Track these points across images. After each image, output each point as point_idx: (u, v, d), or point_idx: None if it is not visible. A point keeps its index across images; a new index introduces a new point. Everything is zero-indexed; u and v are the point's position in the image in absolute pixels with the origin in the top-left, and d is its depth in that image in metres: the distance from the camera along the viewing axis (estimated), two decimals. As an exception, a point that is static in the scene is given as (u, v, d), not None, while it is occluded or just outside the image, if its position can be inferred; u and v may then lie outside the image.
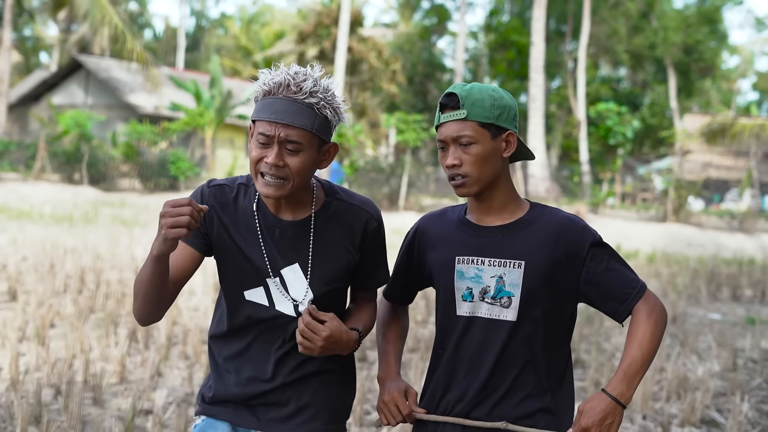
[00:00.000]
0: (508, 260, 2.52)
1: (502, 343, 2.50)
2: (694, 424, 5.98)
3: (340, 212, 2.57)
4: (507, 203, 2.58)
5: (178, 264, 2.50)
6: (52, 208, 21.94)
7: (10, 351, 6.54)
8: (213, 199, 2.52)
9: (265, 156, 2.37)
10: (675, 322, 10.18)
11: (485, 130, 2.50)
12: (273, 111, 2.36)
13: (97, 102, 38.61)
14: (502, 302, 2.51)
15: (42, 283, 9.87)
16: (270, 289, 2.52)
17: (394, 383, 2.65)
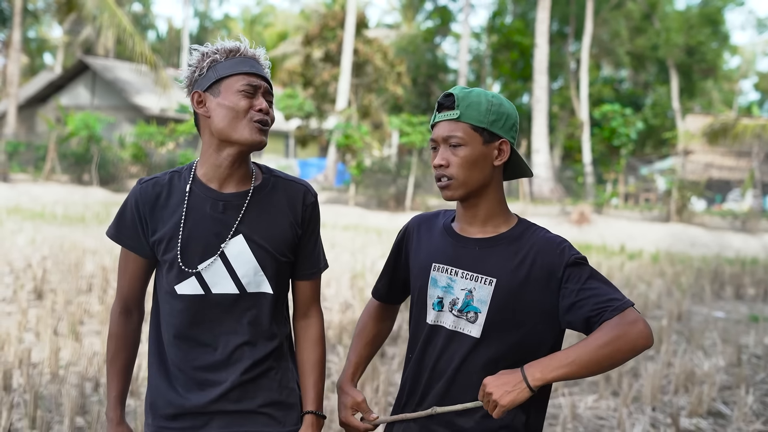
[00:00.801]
0: (480, 275, 2.44)
1: (462, 358, 2.43)
2: (701, 416, 6.28)
3: (279, 186, 2.58)
4: (492, 216, 2.50)
5: (133, 278, 2.56)
6: (63, 208, 22.25)
7: (49, 346, 6.87)
8: (142, 196, 2.50)
9: (255, 104, 2.45)
10: (680, 320, 10.47)
11: (477, 134, 2.43)
12: (251, 66, 2.47)
13: (104, 103, 38.89)
14: (468, 317, 2.44)
15: (66, 283, 10.18)
16: (203, 275, 2.48)
17: (343, 399, 2.62)
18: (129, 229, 2.50)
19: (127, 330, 2.58)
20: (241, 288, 2.48)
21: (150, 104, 36.37)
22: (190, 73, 2.51)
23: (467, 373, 2.42)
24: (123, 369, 2.58)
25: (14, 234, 14.87)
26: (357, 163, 28.04)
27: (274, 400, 2.54)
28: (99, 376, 6.33)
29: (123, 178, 30.82)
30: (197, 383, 2.50)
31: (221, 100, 2.44)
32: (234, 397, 2.49)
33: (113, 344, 2.57)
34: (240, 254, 2.48)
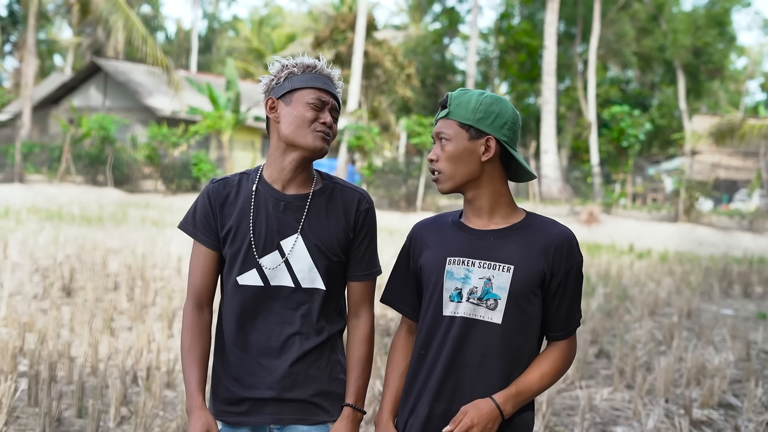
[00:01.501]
0: (498, 263, 2.54)
1: (486, 344, 2.54)
2: (712, 407, 6.55)
3: (336, 191, 2.78)
4: (496, 207, 2.61)
5: (204, 272, 2.76)
6: (79, 209, 22.54)
7: (87, 340, 7.18)
8: (214, 193, 2.75)
9: (320, 117, 2.67)
10: (690, 317, 10.73)
11: (463, 130, 2.55)
12: (323, 82, 2.69)
13: (116, 105, 39.16)
14: (488, 304, 2.54)
15: (93, 281, 10.48)
16: (263, 267, 2.69)
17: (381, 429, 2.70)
18: (201, 224, 2.74)
19: (201, 323, 2.75)
20: (297, 282, 2.69)
21: (161, 106, 36.63)
22: (269, 81, 2.74)
23: (490, 360, 2.54)
24: (199, 359, 2.71)
25: (36, 234, 15.16)
26: (368, 164, 28.32)
27: (324, 390, 2.72)
28: (137, 369, 6.62)
29: (137, 179, 31.13)
30: (252, 371, 2.70)
31: (291, 109, 2.67)
32: (286, 385, 2.69)
33: (188, 336, 2.73)
34: (296, 251, 2.68)
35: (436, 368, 2.58)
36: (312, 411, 2.72)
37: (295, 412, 2.72)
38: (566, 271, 2.57)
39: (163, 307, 8.93)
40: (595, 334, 8.94)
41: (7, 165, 31.36)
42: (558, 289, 2.57)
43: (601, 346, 8.55)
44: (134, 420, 5.29)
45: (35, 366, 6.16)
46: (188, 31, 66.35)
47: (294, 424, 2.72)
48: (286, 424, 2.72)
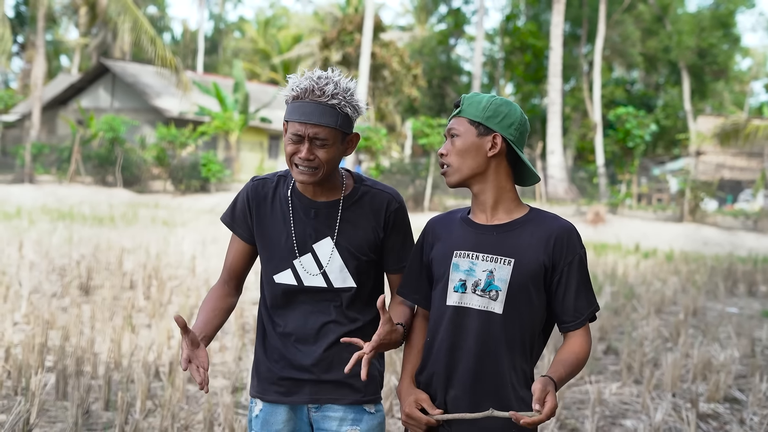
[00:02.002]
0: (500, 257, 2.67)
1: (487, 333, 2.66)
2: (718, 401, 6.73)
3: (366, 195, 2.91)
4: (500, 202, 2.75)
5: (235, 258, 3.01)
6: (90, 209, 22.76)
7: (109, 336, 7.39)
8: (252, 192, 2.95)
9: (298, 151, 2.74)
10: (696, 315, 10.92)
11: (472, 127, 2.70)
12: (302, 113, 2.71)
13: (124, 106, 39.39)
14: (490, 295, 2.66)
15: (109, 280, 10.68)
16: (297, 269, 2.88)
17: (406, 397, 2.79)
18: (239, 218, 2.96)
19: (221, 290, 3.00)
20: (329, 283, 2.88)
21: (169, 107, 36.85)
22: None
23: (494, 349, 2.67)
24: (208, 310, 2.92)
25: (50, 234, 15.38)
26: (376, 165, 28.51)
27: (357, 372, 2.78)
28: (159, 364, 6.82)
29: (146, 180, 31.35)
30: (290, 355, 2.90)
31: (285, 138, 2.83)
32: (323, 368, 2.87)
33: (207, 296, 2.99)
34: (327, 254, 2.87)
35: (441, 355, 2.73)
36: (346, 392, 2.89)
37: (331, 392, 2.89)
38: (567, 263, 2.68)
39: (180, 305, 9.14)
40: (603, 331, 9.13)
41: (17, 166, 31.60)
42: (560, 280, 2.68)
43: (609, 343, 8.73)
44: (161, 412, 5.49)
45: (61, 361, 6.36)
46: (194, 32, 66.58)
47: (330, 403, 2.89)
48: (323, 403, 2.90)
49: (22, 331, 7.86)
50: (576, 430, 5.87)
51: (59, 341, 7.05)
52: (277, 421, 2.93)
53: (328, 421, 2.90)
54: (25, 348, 6.49)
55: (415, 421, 2.73)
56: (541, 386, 2.44)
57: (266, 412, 2.95)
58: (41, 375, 5.69)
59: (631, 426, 5.98)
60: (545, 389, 2.45)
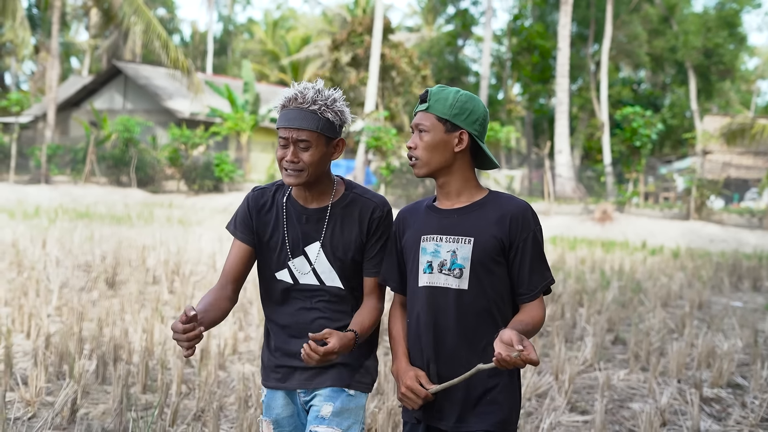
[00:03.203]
0: (461, 237, 2.88)
1: (457, 308, 2.88)
2: (721, 386, 7.07)
3: (354, 202, 3.14)
4: (462, 190, 2.95)
5: (234, 261, 3.19)
6: (105, 209, 23.16)
7: (141, 327, 7.77)
8: (253, 201, 3.20)
9: (285, 155, 2.99)
10: (701, 309, 11.25)
11: (440, 123, 2.88)
12: (287, 119, 2.98)
13: (136, 107, 39.78)
14: (454, 273, 2.88)
15: (133, 276, 11.06)
16: (292, 270, 3.15)
17: (405, 373, 2.97)
18: (241, 225, 3.21)
19: (219, 290, 3.12)
20: (321, 281, 3.14)
21: (181, 108, 37.22)
22: None
23: (465, 322, 2.89)
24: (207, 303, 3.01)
25: (71, 232, 15.75)
26: (386, 165, 28.86)
27: (345, 362, 3.12)
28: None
29: (159, 180, 31.74)
30: (286, 345, 3.17)
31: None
32: None
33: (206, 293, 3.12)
34: (317, 256, 3.13)
35: (422, 334, 2.95)
36: (334, 377, 3.12)
37: (319, 378, 3.14)
38: (523, 239, 2.88)
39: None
40: (611, 323, 9.47)
41: (33, 166, 32.02)
42: (516, 254, 2.88)
43: (617, 334, 9.06)
44: (196, 394, 5.87)
45: (99, 348, 6.74)
46: (204, 34, 66.96)
47: (316, 388, 3.14)
48: (311, 388, 3.15)
49: (56, 322, 8.23)
50: (586, 411, 6.21)
51: (94, 331, 7.42)
52: (277, 405, 3.20)
53: (314, 400, 3.14)
54: (63, 337, 6.85)
55: (415, 395, 2.90)
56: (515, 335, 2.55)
57: (269, 397, 3.23)
58: (84, 361, 6.06)
59: (638, 408, 6.31)
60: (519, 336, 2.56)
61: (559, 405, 6.16)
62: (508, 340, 2.56)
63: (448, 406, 2.92)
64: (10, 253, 12.24)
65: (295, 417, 3.23)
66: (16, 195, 25.92)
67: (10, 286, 9.60)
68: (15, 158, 30.65)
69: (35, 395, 5.55)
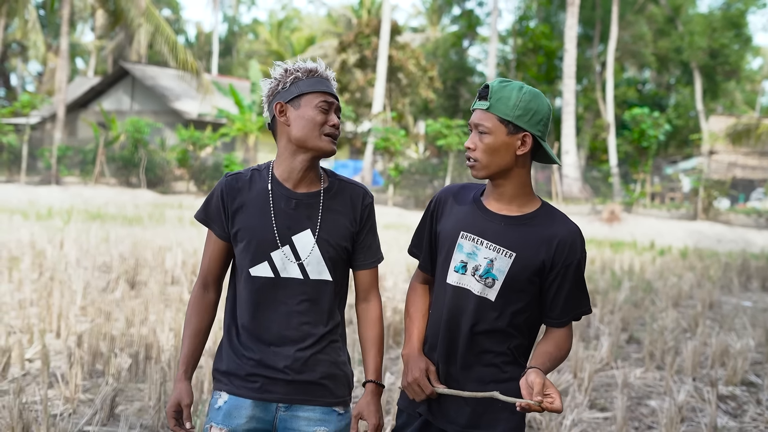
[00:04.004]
0: (503, 248, 2.73)
1: (478, 316, 2.75)
2: (735, 384, 7.25)
3: (342, 189, 2.94)
4: (517, 196, 2.78)
5: (212, 258, 2.94)
6: (116, 209, 23.34)
7: (167, 325, 7.95)
8: (227, 187, 2.89)
9: (329, 120, 2.83)
10: (712, 308, 11.42)
11: (502, 125, 2.67)
12: (326, 86, 2.84)
13: (144, 108, 39.98)
14: (486, 282, 2.74)
15: (153, 276, 11.23)
16: (274, 261, 2.84)
17: (415, 363, 2.85)
18: (214, 214, 2.91)
19: (203, 302, 2.95)
20: (305, 274, 2.85)
21: (188, 109, 37.41)
22: (273, 86, 2.89)
23: (480, 331, 2.77)
24: (193, 334, 2.91)
25: (86, 233, 15.92)
26: (395, 165, 29.03)
27: (330, 373, 2.90)
28: (214, 345, 7.37)
29: (169, 181, 31.93)
30: (265, 355, 2.86)
31: (301, 113, 2.81)
32: (297, 368, 2.85)
33: (189, 312, 2.95)
34: (306, 246, 2.86)
35: (439, 332, 2.84)
36: (319, 392, 2.89)
37: (303, 393, 2.88)
38: (566, 265, 2.74)
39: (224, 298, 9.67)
40: (625, 322, 9.65)
41: (42, 167, 32.22)
42: (555, 280, 2.75)
43: (631, 333, 9.24)
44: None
45: (129, 348, 6.92)
46: (209, 35, 67.13)
47: (301, 404, 2.88)
48: (294, 404, 2.88)
49: (82, 322, 8.40)
50: (605, 408, 6.38)
51: (121, 330, 7.60)
52: (241, 415, 2.86)
53: (296, 421, 2.88)
54: (94, 336, 7.03)
55: (420, 389, 2.82)
56: (540, 380, 2.51)
57: (231, 404, 2.87)
58: (119, 359, 6.24)
59: (656, 406, 6.49)
60: (544, 382, 2.51)
61: (579, 402, 6.33)
62: (534, 385, 2.51)
63: (457, 409, 2.82)
64: (29, 254, 12.41)
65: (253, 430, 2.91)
66: (28, 196, 26.13)
67: (35, 287, 9.78)
68: (26, 159, 30.83)
69: (74, 392, 5.73)
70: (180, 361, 2.88)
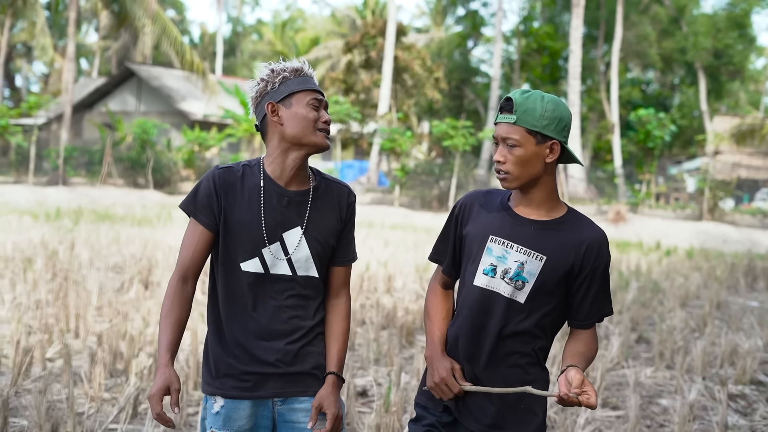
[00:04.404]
0: (534, 251, 2.80)
1: (507, 318, 2.82)
2: (745, 383, 7.36)
3: (329, 187, 3.02)
4: (546, 201, 2.85)
5: (197, 249, 2.89)
6: (124, 210, 23.47)
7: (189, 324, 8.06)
8: (220, 179, 2.89)
9: (321, 116, 2.91)
10: (719, 308, 11.53)
11: (531, 136, 2.75)
12: (314, 84, 2.92)
13: (150, 109, 40.10)
14: (516, 285, 2.80)
15: (165, 277, 11.34)
16: (264, 257, 2.88)
17: (440, 362, 2.88)
18: (202, 205, 2.89)
19: (182, 294, 2.88)
20: (294, 271, 2.92)
21: (194, 110, 37.54)
22: (262, 86, 2.93)
23: (509, 333, 2.84)
24: (174, 324, 2.84)
25: (96, 234, 16.04)
26: (401, 166, 29.14)
27: (319, 363, 2.98)
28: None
29: (175, 182, 32.05)
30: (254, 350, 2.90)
31: (294, 111, 2.88)
32: (288, 361, 2.91)
33: (168, 303, 2.86)
34: (296, 243, 2.92)
35: (465, 333, 2.89)
36: (311, 383, 2.96)
37: (296, 385, 2.94)
38: (594, 268, 2.82)
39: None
40: (634, 322, 9.76)
41: (49, 168, 32.35)
42: (583, 283, 2.84)
43: (641, 333, 9.35)
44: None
45: (150, 347, 7.03)
46: (213, 35, 67.25)
47: (296, 396, 2.95)
48: (288, 396, 2.94)
49: (99, 322, 8.52)
50: (617, 407, 6.49)
51: (138, 330, 7.71)
52: (240, 417, 2.90)
53: (294, 413, 2.94)
54: (112, 336, 7.15)
55: (448, 388, 2.85)
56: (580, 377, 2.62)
57: (228, 408, 2.90)
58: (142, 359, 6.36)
59: (667, 404, 6.60)
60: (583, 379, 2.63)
61: (592, 401, 6.42)
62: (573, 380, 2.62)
63: (482, 408, 2.87)
64: (41, 255, 12.53)
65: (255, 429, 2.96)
66: (36, 196, 26.26)
67: (50, 287, 9.89)
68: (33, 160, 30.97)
69: (97, 391, 5.84)
70: (162, 350, 2.79)
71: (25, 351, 6.49)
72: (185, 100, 38.28)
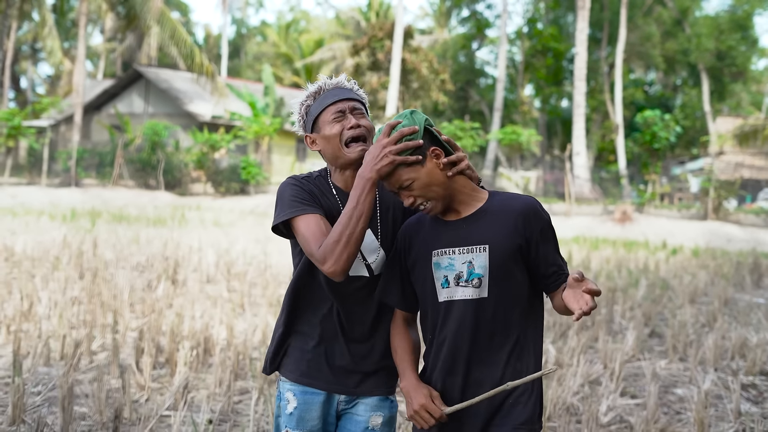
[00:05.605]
0: (474, 246, 2.77)
1: (480, 318, 2.77)
2: (755, 374, 7.71)
3: (384, 193, 3.05)
4: (467, 198, 2.83)
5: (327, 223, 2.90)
6: (137, 211, 23.80)
7: (218, 320, 8.41)
8: (305, 184, 2.96)
9: (345, 124, 2.89)
10: (727, 305, 11.86)
11: (414, 164, 2.74)
12: (334, 95, 2.92)
13: (158, 111, 40.37)
14: (473, 283, 2.76)
15: (192, 275, 11.70)
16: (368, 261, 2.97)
17: (417, 391, 2.85)
18: (305, 200, 2.90)
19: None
20: (371, 272, 2.99)
21: (202, 111, 37.81)
22: (300, 123, 3.04)
23: (488, 332, 2.80)
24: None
25: (115, 234, 16.38)
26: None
27: (388, 364, 3.06)
28: (264, 339, 7.82)
29: (186, 183, 32.37)
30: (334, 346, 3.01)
31: (323, 135, 2.93)
32: (367, 360, 3.05)
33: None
34: (369, 244, 2.98)
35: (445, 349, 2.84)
36: (381, 383, 3.06)
37: (371, 383, 3.04)
38: (538, 233, 2.79)
39: (268, 297, 10.15)
40: (646, 317, 10.11)
41: (61, 170, 32.67)
42: (537, 252, 2.79)
43: (653, 328, 9.70)
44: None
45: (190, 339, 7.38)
46: (217, 37, 67.52)
47: (362, 395, 3.05)
48: (360, 395, 3.05)
49: (135, 318, 8.87)
50: (636, 396, 6.84)
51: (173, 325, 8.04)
52: (313, 417, 2.99)
53: (357, 407, 3.04)
54: (152, 330, 7.50)
55: (429, 414, 2.80)
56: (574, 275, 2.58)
57: (302, 409, 2.99)
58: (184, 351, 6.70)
59: (682, 393, 6.95)
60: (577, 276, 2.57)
61: (611, 390, 6.78)
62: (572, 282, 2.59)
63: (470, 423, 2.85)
64: (65, 254, 12.87)
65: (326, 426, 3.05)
66: (49, 198, 26.64)
67: (82, 285, 10.24)
68: (47, 162, 31.31)
69: (147, 381, 6.19)
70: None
71: (75, 344, 6.83)
72: (193, 102, 38.56)
